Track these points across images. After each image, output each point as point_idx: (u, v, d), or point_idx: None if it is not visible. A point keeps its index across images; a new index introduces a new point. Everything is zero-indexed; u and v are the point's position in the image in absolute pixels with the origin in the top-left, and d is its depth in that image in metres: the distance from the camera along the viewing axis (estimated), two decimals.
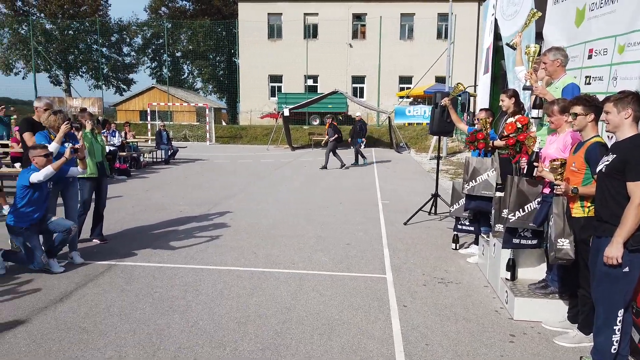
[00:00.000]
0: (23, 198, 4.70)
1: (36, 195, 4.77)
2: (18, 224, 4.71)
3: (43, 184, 4.79)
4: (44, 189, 4.85)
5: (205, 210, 8.37)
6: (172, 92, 35.23)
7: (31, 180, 4.62)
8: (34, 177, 4.62)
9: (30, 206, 4.74)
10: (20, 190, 4.71)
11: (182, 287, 4.62)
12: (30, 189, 4.70)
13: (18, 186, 4.73)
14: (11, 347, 3.37)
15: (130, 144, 15.03)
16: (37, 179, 4.63)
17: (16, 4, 38.62)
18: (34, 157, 4.80)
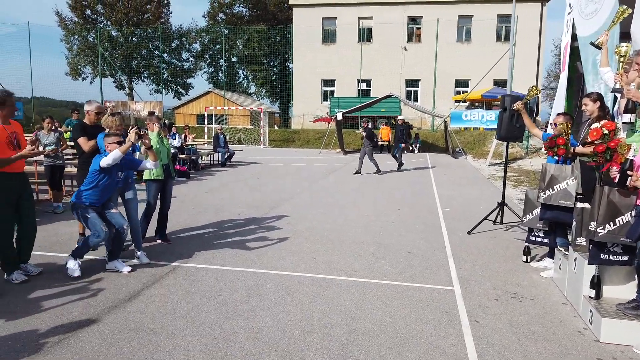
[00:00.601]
0: (92, 182, 4.82)
1: (105, 181, 4.84)
2: (80, 201, 4.81)
3: (113, 171, 4.87)
4: (113, 176, 4.92)
5: (262, 213, 8.39)
6: (228, 96, 36.08)
7: (101, 164, 4.71)
8: (104, 160, 4.71)
9: (96, 190, 4.82)
10: (91, 174, 4.84)
11: (245, 291, 4.58)
12: (100, 174, 4.80)
13: (90, 170, 4.86)
14: (85, 345, 3.43)
15: (190, 146, 15.45)
16: (106, 163, 4.71)
17: (85, 12, 40.90)
18: (107, 143, 4.93)
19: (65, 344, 3.43)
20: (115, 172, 4.95)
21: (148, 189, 6.15)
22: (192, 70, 44.89)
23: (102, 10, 41.17)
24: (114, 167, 4.89)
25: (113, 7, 40.29)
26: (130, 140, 4.83)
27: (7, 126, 4.66)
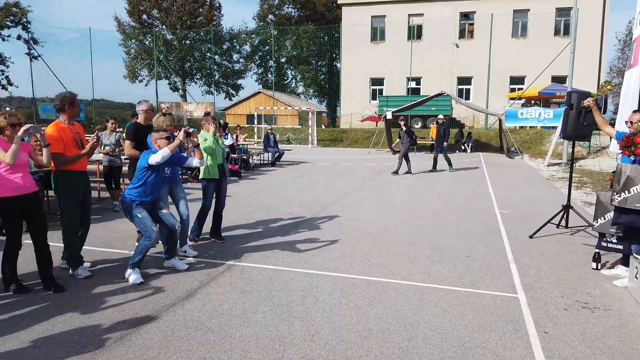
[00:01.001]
0: (140, 179, 4.80)
1: (152, 178, 4.83)
2: (129, 199, 4.79)
3: (160, 168, 4.88)
4: (160, 172, 4.92)
5: (313, 213, 8.35)
6: (277, 96, 36.49)
7: (149, 161, 4.71)
8: (152, 158, 4.70)
9: (145, 188, 4.80)
10: (138, 172, 4.83)
11: (299, 292, 4.53)
12: (148, 171, 4.79)
13: (137, 168, 4.86)
14: (146, 342, 3.48)
15: (241, 146, 15.68)
16: (154, 161, 4.70)
17: (142, 17, 42.54)
18: (155, 139, 4.95)
19: (127, 340, 3.50)
20: (162, 168, 4.94)
21: (204, 189, 6.23)
22: (242, 71, 45.74)
23: (158, 15, 42.70)
24: (162, 164, 4.86)
25: (168, 12, 41.70)
26: (179, 139, 4.83)
27: (71, 127, 4.90)
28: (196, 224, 6.29)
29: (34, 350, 3.32)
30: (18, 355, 3.24)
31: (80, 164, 4.93)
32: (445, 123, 15.52)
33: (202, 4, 42.49)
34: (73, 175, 4.85)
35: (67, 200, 4.81)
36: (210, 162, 6.11)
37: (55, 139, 4.66)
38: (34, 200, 4.42)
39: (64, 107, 4.82)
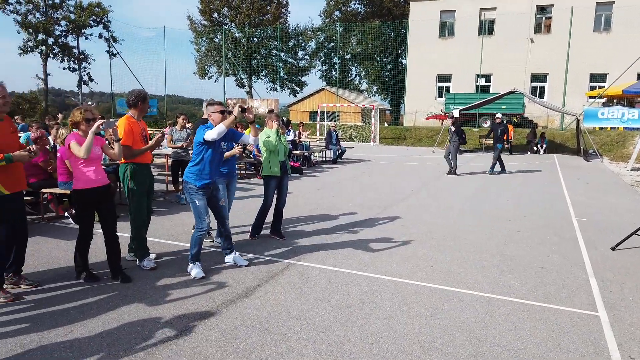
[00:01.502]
0: (198, 155, 4.83)
1: (209, 154, 4.82)
2: (191, 180, 4.81)
3: (216, 143, 4.85)
4: (217, 148, 4.90)
5: (375, 213, 8.16)
6: (340, 93, 36.41)
7: (205, 137, 4.72)
8: (208, 134, 4.70)
9: (204, 164, 4.80)
10: (196, 147, 4.86)
11: (358, 296, 4.40)
12: (204, 146, 4.80)
13: (194, 143, 4.89)
14: (204, 339, 3.49)
15: (303, 143, 15.74)
16: (210, 137, 4.68)
17: (213, 15, 43.96)
18: (210, 113, 4.95)
19: (187, 335, 3.52)
20: (218, 143, 4.90)
21: (265, 185, 6.24)
22: (306, 68, 46.08)
23: (228, 13, 43.94)
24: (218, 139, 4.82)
25: (237, 10, 42.80)
26: (234, 114, 4.77)
27: (139, 122, 5.14)
28: (256, 221, 6.33)
29: (99, 339, 3.42)
30: (85, 344, 3.36)
31: (145, 157, 5.15)
32: (503, 123, 14.59)
33: (270, 2, 43.21)
34: (140, 167, 5.05)
35: (135, 191, 5.00)
36: (272, 159, 6.11)
37: (126, 133, 4.89)
38: (106, 193, 4.59)
39: (137, 103, 5.06)
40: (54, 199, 7.32)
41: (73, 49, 35.57)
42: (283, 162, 6.27)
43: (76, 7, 34.82)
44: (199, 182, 4.81)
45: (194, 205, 4.85)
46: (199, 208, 4.82)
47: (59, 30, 34.79)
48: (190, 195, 4.85)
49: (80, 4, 34.97)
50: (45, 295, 4.21)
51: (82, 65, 35.89)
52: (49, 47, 34.57)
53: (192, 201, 4.84)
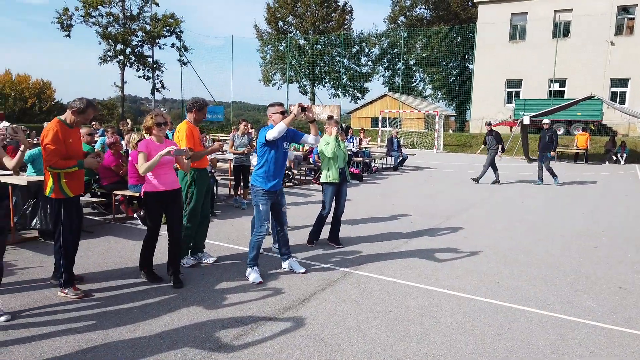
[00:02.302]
0: (262, 156, 4.88)
1: (272, 154, 4.83)
2: (258, 183, 4.85)
3: (278, 143, 4.86)
4: (279, 148, 4.91)
5: (436, 223, 7.90)
6: (403, 99, 35.92)
7: (267, 137, 4.75)
8: (269, 133, 4.73)
9: (268, 166, 4.82)
10: (259, 149, 4.93)
11: (417, 310, 4.22)
12: (267, 147, 4.84)
13: (257, 145, 4.97)
14: (260, 345, 3.48)
15: (364, 149, 15.62)
16: (272, 136, 4.70)
17: (278, 24, 44.98)
18: (271, 114, 5.00)
19: (242, 341, 3.53)
20: (280, 143, 4.90)
21: (324, 192, 6.21)
22: (369, 74, 45.93)
23: (293, 21, 44.78)
24: (280, 138, 4.82)
25: (302, 17, 43.51)
26: (294, 113, 4.75)
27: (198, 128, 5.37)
28: (314, 227, 6.30)
29: (159, 340, 3.51)
30: (145, 344, 3.45)
31: (204, 161, 5.37)
32: (552, 129, 13.37)
33: (335, 9, 43.55)
34: (201, 172, 5.25)
35: (194, 196, 5.18)
36: (331, 166, 6.07)
37: (187, 137, 5.11)
38: (175, 197, 4.71)
39: (191, 109, 5.29)
40: (125, 200, 7.70)
41: (148, 58, 37.66)
42: (342, 168, 6.21)
43: (152, 19, 36.87)
44: (266, 185, 4.85)
45: (257, 208, 4.89)
46: (262, 212, 4.87)
47: (135, 40, 36.99)
48: (255, 198, 4.91)
49: (155, 16, 37.02)
50: (111, 294, 4.40)
51: (155, 74, 37.91)
52: (126, 56, 36.80)
53: (256, 204, 4.89)
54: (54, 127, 4.13)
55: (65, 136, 4.18)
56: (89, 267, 5.09)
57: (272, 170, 4.87)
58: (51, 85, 37.26)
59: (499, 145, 13.34)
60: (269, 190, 4.86)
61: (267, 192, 4.86)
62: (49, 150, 4.06)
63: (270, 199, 4.91)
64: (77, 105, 4.21)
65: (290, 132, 4.97)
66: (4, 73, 35.46)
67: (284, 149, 5.03)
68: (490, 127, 13.81)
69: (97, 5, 34.76)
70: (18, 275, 4.82)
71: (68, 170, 4.16)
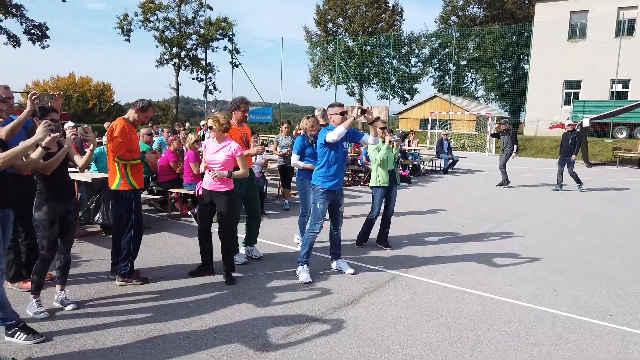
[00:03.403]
0: (322, 156, 4.93)
1: (332, 155, 4.87)
2: (318, 183, 4.89)
3: (338, 144, 4.89)
4: (339, 149, 4.95)
5: (488, 228, 7.68)
6: (453, 100, 35.14)
7: (327, 139, 4.79)
8: (329, 136, 4.78)
9: (328, 166, 4.87)
10: (319, 150, 4.98)
11: (470, 316, 4.13)
12: (327, 148, 4.89)
13: (317, 146, 5.03)
14: (309, 344, 3.51)
15: (413, 151, 15.41)
16: (331, 138, 4.75)
17: (327, 26, 45.18)
18: (331, 115, 5.03)
19: (292, 339, 3.58)
20: (340, 144, 4.93)
21: (373, 195, 6.19)
22: (419, 75, 45.23)
23: (342, 23, 44.85)
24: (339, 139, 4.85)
25: (351, 19, 43.50)
26: (353, 115, 4.74)
27: (240, 128, 5.46)
28: (363, 229, 6.29)
29: (213, 334, 3.62)
30: (200, 337, 3.56)
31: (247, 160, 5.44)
32: (576, 131, 12.42)
33: (385, 10, 43.23)
34: None
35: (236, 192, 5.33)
36: (380, 169, 6.05)
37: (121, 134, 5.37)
38: (225, 197, 4.82)
39: (230, 108, 5.53)
40: (180, 198, 7.98)
41: (201, 61, 38.84)
42: (392, 170, 6.16)
43: (205, 23, 38.01)
44: (326, 184, 4.89)
45: (315, 206, 4.97)
46: (318, 211, 4.93)
47: (190, 44, 38.26)
48: (314, 196, 4.98)
49: (209, 20, 38.11)
50: (167, 288, 4.57)
51: (208, 76, 39.03)
52: (181, 59, 38.13)
53: (314, 202, 4.96)
54: (121, 123, 4.49)
55: (130, 131, 4.50)
56: (147, 262, 5.31)
57: (332, 170, 4.91)
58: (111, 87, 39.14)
59: (514, 146, 12.76)
60: (328, 190, 4.91)
61: (327, 192, 4.91)
62: (117, 143, 4.36)
63: (329, 198, 4.96)
64: (140, 104, 4.49)
65: (350, 132, 4.99)
66: (69, 76, 37.49)
67: (343, 148, 5.06)
68: (506, 126, 13.17)
69: (155, 10, 36.22)
70: (82, 267, 5.11)
71: (133, 162, 4.46)
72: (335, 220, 5.19)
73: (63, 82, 36.52)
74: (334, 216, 5.18)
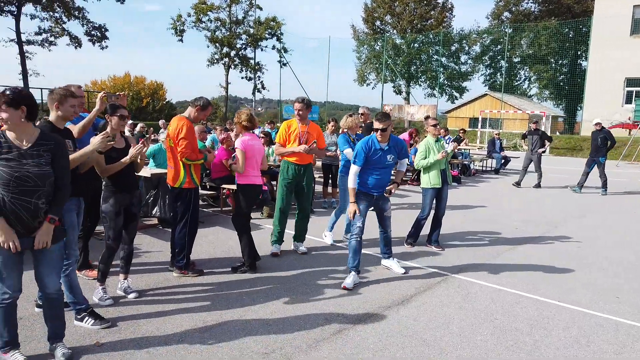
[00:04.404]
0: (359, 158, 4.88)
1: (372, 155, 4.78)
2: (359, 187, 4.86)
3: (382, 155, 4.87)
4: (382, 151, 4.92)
5: (542, 231, 7.42)
6: (505, 98, 34.06)
7: (347, 156, 4.96)
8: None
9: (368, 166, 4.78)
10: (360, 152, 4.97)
11: (526, 320, 4.01)
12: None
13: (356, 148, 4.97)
14: (362, 341, 3.53)
15: (463, 151, 15.08)
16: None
17: (375, 23, 44.85)
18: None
19: (345, 335, 3.61)
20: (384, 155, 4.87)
21: (424, 195, 6.13)
22: (469, 73, 44.10)
23: (390, 20, 44.40)
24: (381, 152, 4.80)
25: (400, 17, 42.99)
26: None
27: (302, 125, 5.64)
28: (413, 229, 6.23)
29: (267, 326, 3.70)
30: (255, 328, 3.65)
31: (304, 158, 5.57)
32: (605, 129, 11.55)
33: (434, 7, 42.45)
34: (289, 165, 5.57)
35: (281, 185, 5.59)
36: (431, 170, 5.98)
37: (278, 134, 5.68)
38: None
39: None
40: (231, 194, 8.18)
41: (250, 60, 39.53)
42: (443, 170, 6.07)
43: (255, 22, 38.65)
44: (365, 188, 4.87)
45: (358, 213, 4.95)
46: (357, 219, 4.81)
47: (239, 43, 39.02)
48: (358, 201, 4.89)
49: (258, 19, 38.73)
50: (222, 280, 4.72)
51: (257, 75, 39.68)
52: (231, 59, 38.95)
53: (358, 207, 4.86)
54: (185, 122, 4.57)
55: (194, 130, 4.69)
56: (201, 254, 5.49)
57: (372, 174, 4.82)
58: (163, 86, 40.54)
59: (547, 144, 12.25)
60: (366, 193, 4.86)
61: (366, 194, 4.86)
62: (184, 144, 4.48)
63: (366, 200, 4.85)
64: (200, 103, 4.63)
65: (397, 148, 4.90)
66: (124, 75, 39.15)
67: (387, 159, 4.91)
68: (536, 125, 12.48)
69: (207, 11, 37.18)
70: (142, 258, 5.35)
71: (197, 162, 4.59)
72: (383, 224, 5.09)
73: (119, 82, 38.15)
74: (381, 221, 5.09)
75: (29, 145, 2.78)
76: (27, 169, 2.71)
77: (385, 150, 4.77)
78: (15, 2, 28.99)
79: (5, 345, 2.96)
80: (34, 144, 2.80)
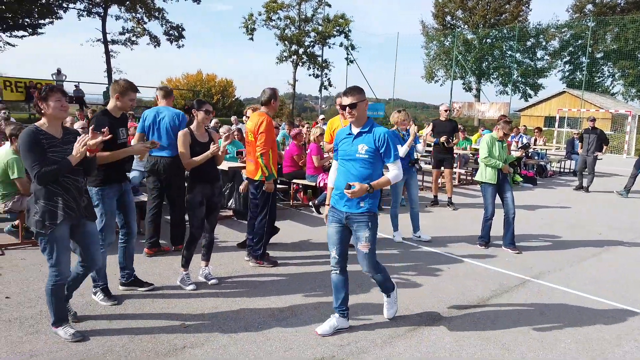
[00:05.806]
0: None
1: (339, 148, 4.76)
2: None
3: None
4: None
5: (628, 237, 6.93)
6: (586, 96, 31.98)
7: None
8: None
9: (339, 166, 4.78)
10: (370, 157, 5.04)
11: (613, 330, 3.78)
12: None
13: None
14: (437, 340, 3.49)
15: (539, 151, 14.37)
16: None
17: (445, 19, 43.69)
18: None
19: (420, 333, 3.58)
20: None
21: (483, 193, 5.97)
22: (545, 69, 41.81)
23: (462, 15, 43.06)
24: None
25: (472, 11, 41.57)
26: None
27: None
28: (482, 230, 6.06)
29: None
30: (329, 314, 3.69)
31: None
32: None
33: (509, 0, 40.65)
34: None
35: None
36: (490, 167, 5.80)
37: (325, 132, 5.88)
38: None
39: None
40: (302, 189, 8.34)
41: (318, 57, 39.87)
42: None
43: (324, 20, 38.92)
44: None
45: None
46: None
47: (308, 41, 39.47)
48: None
49: (327, 17, 38.98)
50: (295, 272, 4.84)
51: (324, 72, 39.98)
52: (299, 56, 39.50)
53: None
54: (266, 116, 4.71)
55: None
56: (274, 247, 5.65)
57: None
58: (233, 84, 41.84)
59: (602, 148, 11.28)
60: (334, 208, 3.54)
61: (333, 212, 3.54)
62: (264, 138, 4.63)
63: (339, 222, 3.48)
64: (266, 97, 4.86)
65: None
66: (196, 73, 40.83)
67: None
68: (593, 122, 11.39)
69: (278, 9, 37.94)
70: (219, 248, 5.59)
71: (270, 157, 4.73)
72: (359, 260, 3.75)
73: (192, 79, 39.87)
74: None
75: (61, 135, 3.19)
76: (69, 152, 3.11)
77: (356, 136, 3.42)
78: (102, 4, 31.11)
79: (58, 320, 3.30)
80: (64, 134, 3.22)
